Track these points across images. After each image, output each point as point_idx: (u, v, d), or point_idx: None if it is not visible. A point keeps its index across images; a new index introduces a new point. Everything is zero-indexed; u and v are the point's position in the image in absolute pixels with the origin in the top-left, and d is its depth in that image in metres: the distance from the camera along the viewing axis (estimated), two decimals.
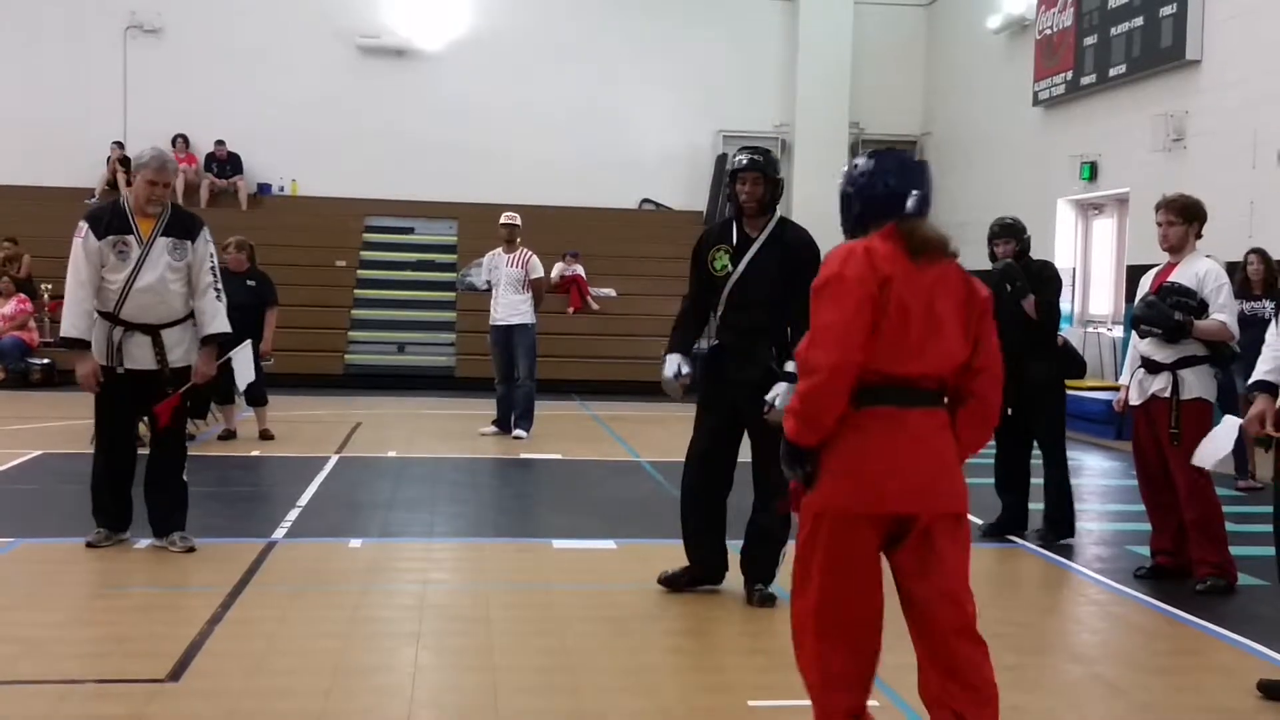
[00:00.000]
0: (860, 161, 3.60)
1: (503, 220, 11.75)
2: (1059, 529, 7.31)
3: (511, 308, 11.46)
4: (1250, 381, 4.90)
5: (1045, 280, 7.27)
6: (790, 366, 5.31)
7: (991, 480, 8.83)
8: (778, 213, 5.79)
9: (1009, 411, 7.34)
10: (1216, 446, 5.60)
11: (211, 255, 6.46)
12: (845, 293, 3.30)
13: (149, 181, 6.24)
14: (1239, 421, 4.84)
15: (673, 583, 5.88)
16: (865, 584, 3.32)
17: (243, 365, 7.87)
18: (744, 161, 5.69)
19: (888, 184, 3.51)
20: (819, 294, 3.37)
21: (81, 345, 6.19)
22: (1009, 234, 7.37)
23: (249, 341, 9.18)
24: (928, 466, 3.32)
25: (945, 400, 3.44)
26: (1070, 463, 7.47)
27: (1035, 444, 7.44)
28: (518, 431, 11.38)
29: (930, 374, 3.37)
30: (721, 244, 5.75)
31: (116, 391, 6.25)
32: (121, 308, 6.20)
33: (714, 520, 5.86)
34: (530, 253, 11.66)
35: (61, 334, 6.33)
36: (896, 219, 3.45)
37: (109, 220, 6.25)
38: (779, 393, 5.21)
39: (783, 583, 4.98)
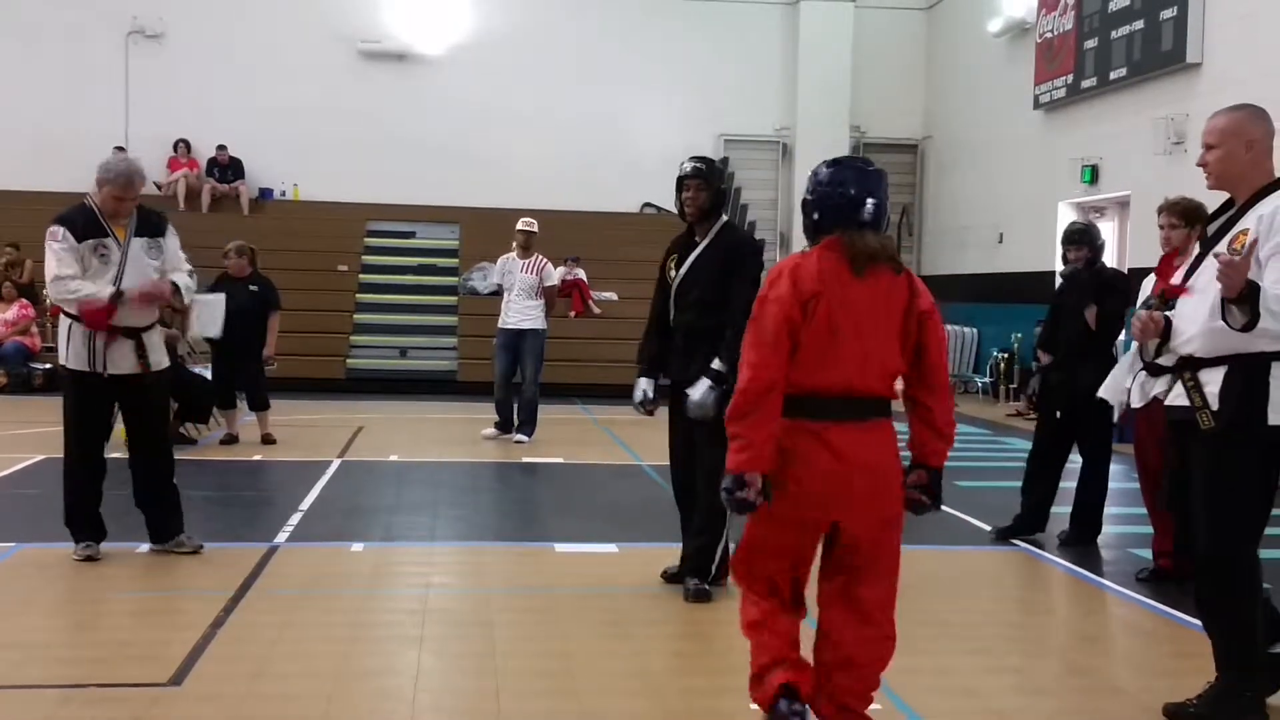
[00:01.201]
0: (821, 169, 3.82)
1: (520, 226, 11.77)
2: (1087, 533, 7.30)
3: (524, 313, 11.51)
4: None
5: (1111, 292, 7.20)
6: (717, 364, 5.44)
7: (994, 484, 8.83)
8: (723, 218, 5.99)
9: (1058, 415, 7.34)
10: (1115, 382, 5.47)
11: (179, 247, 6.52)
12: (767, 317, 3.66)
13: (116, 198, 6.17)
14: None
15: (672, 577, 6.01)
16: (799, 564, 3.81)
17: (210, 314, 7.73)
18: (688, 169, 5.96)
19: (847, 192, 3.73)
20: (752, 313, 3.74)
21: (115, 295, 6.07)
22: (1082, 240, 7.33)
23: (224, 296, 9.20)
24: (847, 479, 3.62)
25: (883, 410, 3.70)
26: (1072, 465, 7.47)
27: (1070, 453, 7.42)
28: (519, 436, 11.39)
29: (859, 386, 3.63)
30: (675, 251, 6.00)
31: (97, 396, 6.24)
32: None
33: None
34: (545, 260, 11.70)
35: (108, 298, 6.05)
36: (848, 227, 3.68)
37: (84, 224, 6.18)
38: (699, 388, 5.54)
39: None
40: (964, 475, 9.87)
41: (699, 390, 5.55)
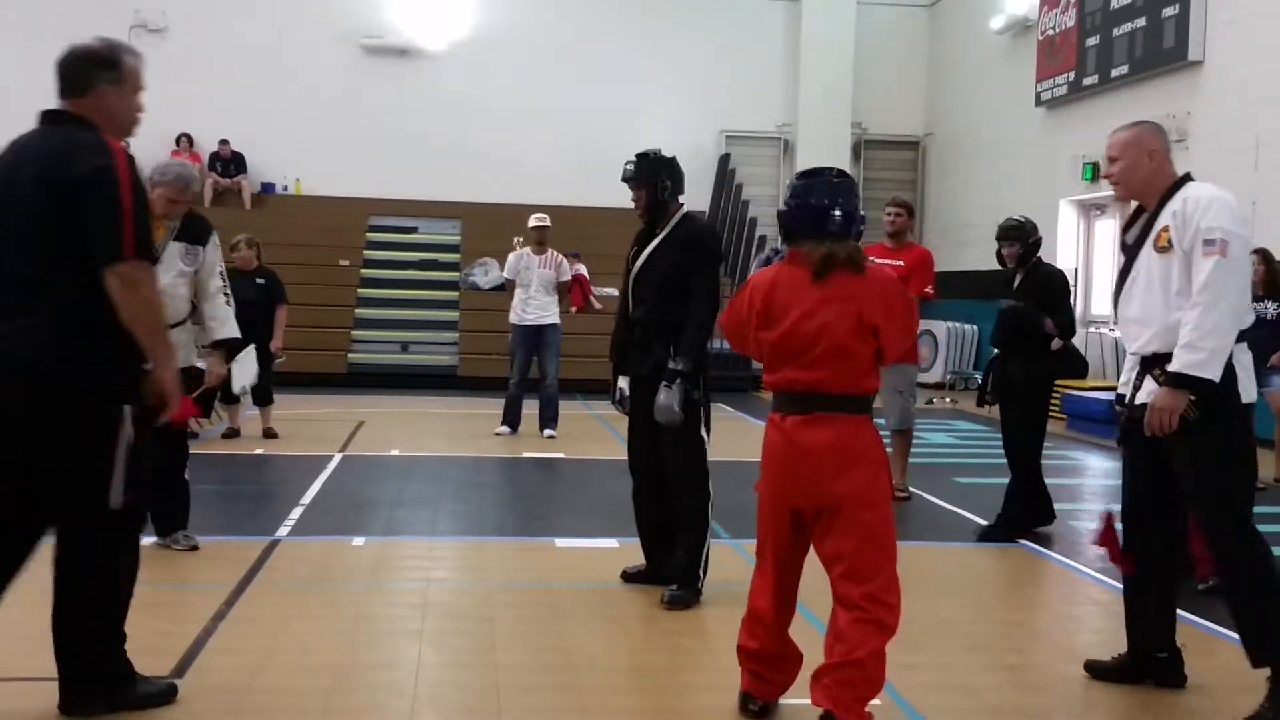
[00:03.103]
0: (794, 182, 4.11)
1: (532, 223, 11.74)
2: (1007, 529, 7.29)
3: (543, 308, 11.53)
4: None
5: (1053, 293, 7.25)
6: (674, 363, 5.41)
7: (994, 480, 8.86)
8: (683, 208, 5.85)
9: (991, 405, 7.45)
10: None
11: (220, 259, 6.49)
12: (724, 317, 4.24)
13: (170, 200, 6.17)
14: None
15: (633, 577, 5.96)
16: (777, 545, 4.08)
17: (245, 368, 7.89)
18: (624, 172, 5.84)
19: (814, 204, 4.00)
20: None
21: None
22: (1015, 236, 7.36)
23: (253, 346, 9.22)
24: (801, 470, 3.95)
25: (840, 406, 3.92)
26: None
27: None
28: (549, 431, 11.40)
29: (812, 383, 3.90)
30: (638, 243, 5.89)
31: None
32: None
33: (659, 520, 5.87)
34: (561, 255, 11.70)
35: None
36: (819, 238, 3.96)
37: None
38: (662, 393, 5.43)
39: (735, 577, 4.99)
40: (963, 472, 9.90)
41: (662, 395, 5.43)
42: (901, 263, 8.00)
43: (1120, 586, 6.25)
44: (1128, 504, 4.61)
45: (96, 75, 4.17)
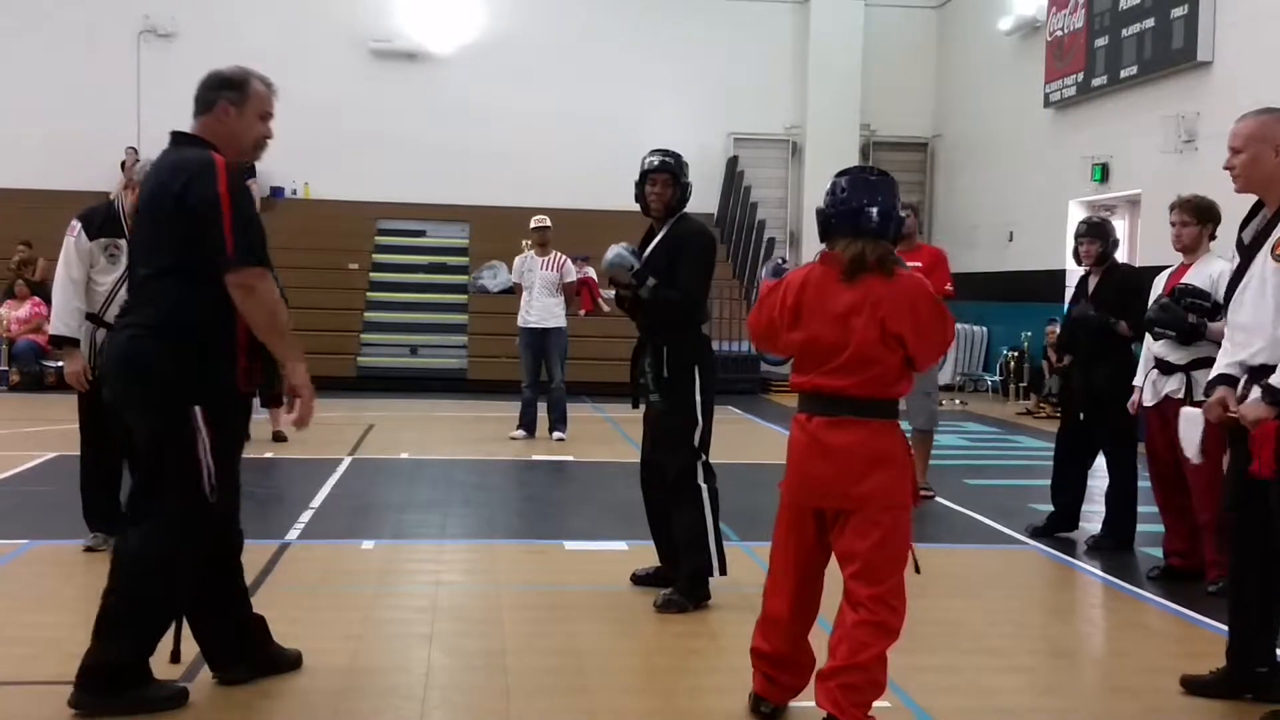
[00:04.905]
0: (834, 180, 4.04)
1: (533, 225, 11.72)
2: (1117, 539, 7.11)
3: (547, 311, 11.48)
4: (1211, 377, 4.57)
5: (1126, 294, 7.04)
6: (651, 281, 5.54)
7: (1004, 482, 8.83)
8: (681, 211, 5.78)
9: (1080, 416, 7.24)
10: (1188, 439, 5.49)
11: None
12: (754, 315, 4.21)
13: None
14: (1196, 412, 4.69)
15: (642, 580, 5.92)
16: (798, 546, 4.05)
17: None
18: (655, 163, 5.71)
19: (850, 202, 3.94)
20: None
21: (70, 343, 6.23)
22: (1094, 235, 7.19)
23: None
24: (825, 471, 3.93)
25: (866, 410, 3.91)
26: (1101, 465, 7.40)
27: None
28: (558, 434, 11.39)
29: (839, 386, 3.89)
30: (639, 248, 5.83)
31: (99, 391, 6.27)
32: (107, 310, 6.19)
33: (666, 520, 5.83)
34: (564, 256, 11.67)
35: (51, 331, 6.43)
36: (855, 235, 3.91)
37: (102, 222, 6.30)
38: (620, 250, 5.64)
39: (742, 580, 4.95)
40: (974, 474, 9.87)
41: (619, 254, 5.62)
42: (919, 264, 7.89)
43: (1136, 590, 6.24)
44: (1232, 514, 4.47)
45: (220, 94, 4.50)
